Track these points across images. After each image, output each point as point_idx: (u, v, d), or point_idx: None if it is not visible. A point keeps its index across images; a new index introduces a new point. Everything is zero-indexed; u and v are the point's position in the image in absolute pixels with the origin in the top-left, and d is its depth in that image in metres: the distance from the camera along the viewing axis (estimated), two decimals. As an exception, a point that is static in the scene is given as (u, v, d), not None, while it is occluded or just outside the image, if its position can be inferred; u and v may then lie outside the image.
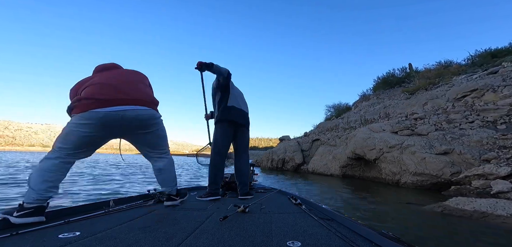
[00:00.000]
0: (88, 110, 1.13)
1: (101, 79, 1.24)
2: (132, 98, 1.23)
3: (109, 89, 1.20)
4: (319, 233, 0.97)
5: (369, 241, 0.87)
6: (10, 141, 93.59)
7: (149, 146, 1.38)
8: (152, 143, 1.37)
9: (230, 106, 1.98)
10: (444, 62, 15.12)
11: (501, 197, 3.07)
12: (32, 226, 0.97)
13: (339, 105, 19.61)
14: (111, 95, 1.18)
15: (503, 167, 3.71)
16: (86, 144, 1.18)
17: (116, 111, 1.17)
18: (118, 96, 1.20)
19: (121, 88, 1.23)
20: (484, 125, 5.59)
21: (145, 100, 1.29)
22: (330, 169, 9.36)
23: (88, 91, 1.18)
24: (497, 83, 7.27)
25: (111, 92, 1.19)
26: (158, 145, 1.40)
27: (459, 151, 4.84)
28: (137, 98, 1.26)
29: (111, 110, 1.16)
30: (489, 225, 2.37)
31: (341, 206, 3.29)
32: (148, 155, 1.40)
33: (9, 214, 1.02)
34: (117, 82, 1.24)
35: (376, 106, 13.10)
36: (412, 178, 5.31)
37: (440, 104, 8.01)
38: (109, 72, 1.32)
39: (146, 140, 1.35)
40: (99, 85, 1.20)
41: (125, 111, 1.19)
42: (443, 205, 3.00)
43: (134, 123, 1.24)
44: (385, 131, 7.40)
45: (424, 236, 2.10)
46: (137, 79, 1.36)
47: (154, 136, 1.36)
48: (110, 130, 1.21)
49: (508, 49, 12.65)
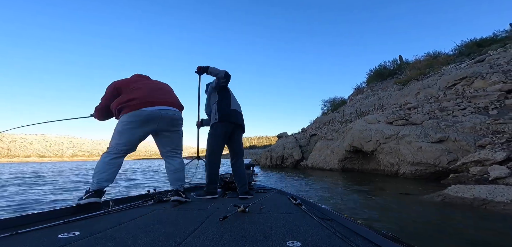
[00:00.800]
0: (139, 109, 1.47)
1: (144, 85, 1.60)
2: (168, 101, 1.60)
3: (152, 93, 1.57)
4: (319, 233, 0.96)
5: (369, 241, 0.87)
6: (6, 153, 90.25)
7: (172, 144, 1.65)
8: (175, 142, 1.67)
9: (233, 109, 2.06)
10: (433, 53, 15.53)
11: (500, 182, 3.13)
12: (34, 226, 0.98)
13: (335, 99, 19.84)
14: (154, 98, 1.55)
15: (498, 152, 3.80)
16: (136, 141, 1.53)
17: (157, 109, 1.53)
18: (159, 99, 1.57)
19: (159, 93, 1.61)
20: (476, 111, 5.74)
21: (176, 103, 1.66)
22: (329, 163, 9.43)
23: (137, 94, 1.53)
24: (485, 70, 7.49)
25: (153, 96, 1.56)
26: (178, 146, 1.70)
27: (454, 138, 4.94)
28: (171, 101, 1.62)
29: (154, 109, 1.51)
30: (490, 212, 2.40)
31: (340, 202, 3.26)
32: (168, 154, 1.65)
33: (80, 199, 1.38)
34: (156, 88, 1.63)
35: (370, 98, 13.30)
36: (410, 168, 5.39)
37: (432, 93, 8.18)
38: (148, 81, 1.69)
39: (171, 138, 1.64)
40: (143, 89, 1.57)
41: (163, 111, 1.55)
42: (443, 194, 3.04)
43: (168, 120, 1.58)
44: (380, 122, 7.50)
45: (425, 227, 2.08)
46: (168, 88, 1.75)
47: (177, 136, 1.68)
48: (151, 125, 1.53)
49: (493, 38, 13.10)
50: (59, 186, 5.37)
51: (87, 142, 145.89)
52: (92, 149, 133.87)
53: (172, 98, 1.66)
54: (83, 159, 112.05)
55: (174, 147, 1.66)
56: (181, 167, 1.67)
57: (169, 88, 1.76)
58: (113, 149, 1.47)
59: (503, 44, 10.84)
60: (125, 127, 1.47)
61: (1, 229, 0.95)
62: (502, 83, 6.29)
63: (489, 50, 10.65)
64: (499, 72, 6.96)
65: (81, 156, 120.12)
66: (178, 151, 1.70)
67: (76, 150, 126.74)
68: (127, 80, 1.64)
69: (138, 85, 1.59)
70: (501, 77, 6.60)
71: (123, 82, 1.61)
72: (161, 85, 1.71)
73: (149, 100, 1.51)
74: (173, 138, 1.64)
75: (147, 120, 1.49)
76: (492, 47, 11.14)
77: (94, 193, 1.39)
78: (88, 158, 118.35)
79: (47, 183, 5.88)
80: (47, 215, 1.14)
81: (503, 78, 6.52)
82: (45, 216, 1.14)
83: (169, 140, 1.63)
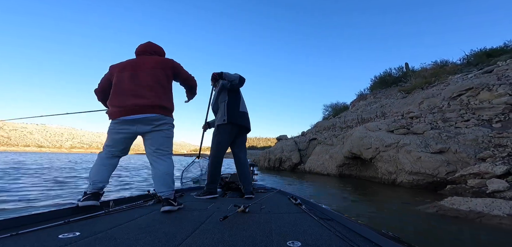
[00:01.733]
0: (116, 118, 1.51)
1: (120, 89, 1.52)
2: (141, 107, 1.48)
3: (126, 101, 1.49)
4: (319, 233, 0.96)
5: (369, 241, 0.87)
6: (5, 141, 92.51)
7: (155, 144, 1.52)
8: (159, 142, 1.53)
9: (241, 111, 2.07)
10: (440, 61, 15.20)
11: (497, 196, 3.01)
12: (34, 226, 0.98)
13: (337, 104, 19.62)
14: (127, 107, 1.48)
15: (498, 166, 3.67)
16: (123, 144, 1.54)
17: (132, 119, 1.48)
18: (132, 107, 1.48)
19: (133, 99, 1.48)
20: (480, 124, 5.57)
21: (151, 107, 1.51)
22: (326, 168, 9.31)
23: (114, 100, 1.52)
24: (492, 82, 7.28)
25: (127, 105, 1.49)
26: (163, 145, 1.54)
27: (454, 150, 4.80)
28: (146, 106, 1.49)
29: (129, 118, 1.48)
30: (485, 226, 2.30)
31: (335, 208, 3.20)
32: (152, 155, 1.51)
33: (79, 201, 1.38)
34: (130, 93, 1.49)
35: (373, 105, 13.10)
36: (408, 177, 5.26)
37: (435, 103, 8.00)
38: (126, 78, 1.53)
39: (154, 138, 1.52)
40: (119, 95, 1.52)
41: (138, 119, 1.49)
42: (438, 205, 2.94)
43: (145, 122, 1.51)
44: (381, 130, 7.36)
45: (418, 237, 2.03)
46: (147, 85, 1.52)
47: (160, 135, 1.54)
48: (132, 130, 1.53)
49: (503, 48, 12.74)
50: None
51: (87, 134, 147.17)
52: (92, 141, 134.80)
53: (149, 101, 1.47)
54: (82, 151, 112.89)
55: (157, 147, 1.50)
56: (167, 170, 1.48)
57: (149, 83, 1.52)
58: (104, 150, 1.50)
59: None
60: (111, 131, 1.49)
61: (1, 230, 0.95)
62: (508, 95, 6.10)
63: (498, 60, 10.36)
64: (507, 84, 6.75)
65: (80, 148, 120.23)
66: (163, 151, 1.51)
67: (75, 142, 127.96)
68: (114, 77, 1.55)
69: (117, 87, 1.51)
70: (508, 89, 6.39)
71: (111, 75, 1.57)
72: (136, 86, 1.50)
73: (123, 107, 1.44)
74: (156, 137, 1.51)
75: (126, 127, 1.47)
76: (501, 57, 10.84)
77: (91, 195, 1.39)
78: (87, 150, 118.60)
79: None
80: (47, 216, 1.15)
81: (510, 90, 6.32)
82: (46, 216, 1.15)
83: (151, 140, 1.51)
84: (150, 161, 1.50)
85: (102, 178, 1.44)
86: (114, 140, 1.48)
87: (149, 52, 1.65)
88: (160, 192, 1.44)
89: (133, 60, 1.60)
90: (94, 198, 1.39)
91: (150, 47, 1.67)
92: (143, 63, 1.55)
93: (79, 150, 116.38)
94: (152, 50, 1.67)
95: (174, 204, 1.41)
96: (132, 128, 1.47)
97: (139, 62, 1.57)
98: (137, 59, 1.61)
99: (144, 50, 1.64)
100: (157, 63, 1.57)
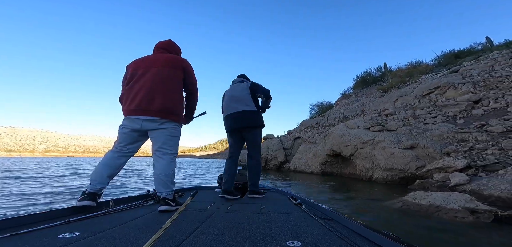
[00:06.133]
0: (127, 116, 1.54)
1: (134, 89, 1.55)
2: (146, 110, 1.49)
3: (136, 102, 1.51)
4: (319, 233, 0.97)
5: (369, 241, 0.88)
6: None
7: (158, 143, 1.52)
8: (161, 140, 1.52)
9: (226, 115, 2.13)
10: (415, 62, 16.15)
11: (458, 189, 3.20)
12: (34, 226, 0.98)
13: (323, 103, 20.12)
14: (136, 107, 1.51)
15: (460, 160, 3.92)
16: (131, 143, 1.56)
17: (140, 119, 1.52)
18: (141, 108, 1.51)
19: (143, 101, 1.49)
20: (445, 120, 5.94)
21: (158, 111, 1.51)
22: (310, 166, 9.46)
23: (127, 97, 1.57)
24: (458, 80, 7.83)
25: (136, 104, 1.51)
26: (165, 144, 1.53)
27: (423, 145, 5.07)
28: (152, 110, 1.49)
29: (137, 118, 1.51)
30: (441, 220, 2.41)
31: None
32: (154, 153, 1.52)
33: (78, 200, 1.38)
34: (141, 95, 1.50)
35: (354, 104, 13.57)
36: (382, 174, 5.47)
37: (408, 101, 8.44)
38: (140, 78, 1.54)
39: (158, 136, 1.52)
40: (131, 94, 1.55)
41: (143, 120, 1.53)
42: (403, 200, 3.06)
43: (149, 123, 1.53)
44: (359, 127, 7.62)
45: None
46: (157, 89, 1.51)
47: (164, 134, 1.53)
48: (138, 129, 1.54)
49: (469, 50, 13.83)
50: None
51: (63, 137, 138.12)
52: (68, 145, 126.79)
53: (155, 100, 1.47)
54: (57, 155, 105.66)
55: (160, 146, 1.49)
56: (165, 170, 1.46)
57: (157, 81, 1.51)
58: (113, 147, 1.53)
59: (477, 56, 11.44)
60: (119, 127, 1.54)
61: (1, 230, 0.95)
62: (471, 93, 6.58)
63: (464, 61, 11.20)
64: (470, 83, 7.30)
65: (55, 152, 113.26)
66: (165, 150, 1.50)
67: (50, 145, 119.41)
68: (129, 75, 1.57)
69: (131, 87, 1.54)
70: (471, 87, 6.91)
71: (127, 73, 1.59)
72: (144, 85, 1.50)
73: (133, 108, 1.47)
74: (159, 136, 1.51)
75: (131, 124, 1.50)
76: (467, 58, 11.73)
77: (87, 196, 1.39)
78: (63, 154, 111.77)
79: None
80: (47, 215, 1.15)
81: (472, 88, 6.82)
82: (45, 216, 1.15)
83: (155, 138, 1.53)
84: (153, 160, 1.53)
85: (101, 179, 1.44)
86: (120, 135, 1.53)
87: (163, 49, 1.69)
88: (158, 192, 1.46)
89: (147, 57, 1.63)
90: (90, 199, 1.38)
91: (166, 44, 1.72)
92: (155, 61, 1.57)
93: (55, 154, 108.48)
94: (166, 47, 1.70)
95: (172, 204, 1.41)
96: (137, 125, 1.49)
97: (152, 59, 1.59)
98: (152, 56, 1.64)
99: (160, 47, 1.70)
100: (169, 61, 1.58)
